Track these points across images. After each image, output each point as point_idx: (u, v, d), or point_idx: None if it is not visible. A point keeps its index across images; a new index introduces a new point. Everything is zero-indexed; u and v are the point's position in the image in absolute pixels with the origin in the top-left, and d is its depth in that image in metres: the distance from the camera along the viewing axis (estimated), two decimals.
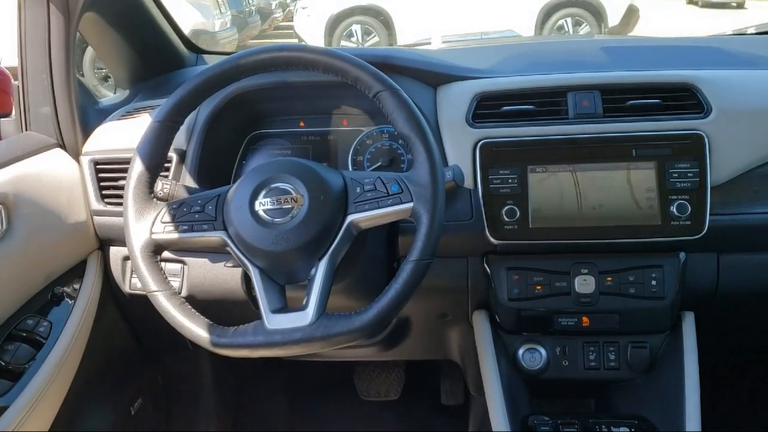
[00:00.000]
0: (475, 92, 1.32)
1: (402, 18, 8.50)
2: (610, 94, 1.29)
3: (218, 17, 7.63)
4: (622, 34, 8.73)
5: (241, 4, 9.06)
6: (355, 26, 8.61)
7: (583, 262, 1.27)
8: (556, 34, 8.70)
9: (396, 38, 8.53)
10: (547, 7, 8.63)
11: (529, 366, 1.31)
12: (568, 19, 8.74)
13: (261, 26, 10.41)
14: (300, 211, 1.03)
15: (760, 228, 1.25)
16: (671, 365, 1.27)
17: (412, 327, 1.50)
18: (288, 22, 11.25)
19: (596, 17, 8.71)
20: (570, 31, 8.75)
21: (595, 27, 8.72)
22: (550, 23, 8.68)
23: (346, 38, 8.63)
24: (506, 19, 8.36)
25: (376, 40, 8.57)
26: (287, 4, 12.60)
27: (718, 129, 1.23)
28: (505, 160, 1.24)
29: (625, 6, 8.77)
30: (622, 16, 8.76)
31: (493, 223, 1.24)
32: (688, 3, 19.86)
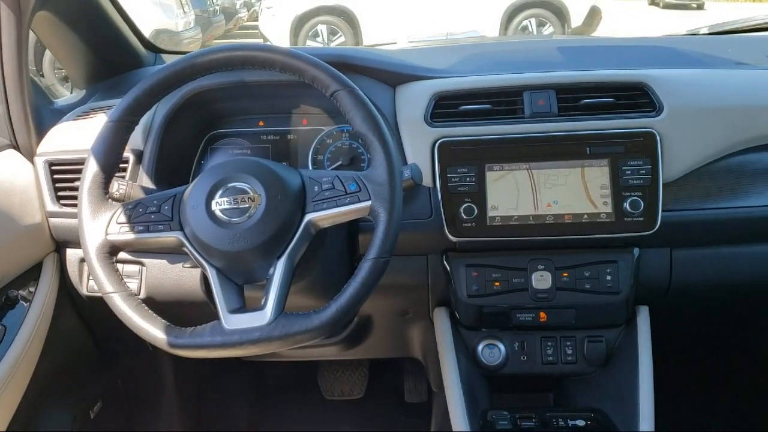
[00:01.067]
0: (434, 92, 1.33)
1: (368, 18, 8.51)
2: (565, 93, 1.31)
3: (182, 17, 7.54)
4: (585, 35, 8.85)
5: (204, 4, 8.97)
6: (320, 26, 8.59)
7: (539, 259, 1.29)
8: (520, 34, 8.79)
9: (362, 38, 8.53)
10: (511, 8, 8.71)
11: (488, 362, 1.33)
12: (532, 20, 8.84)
13: (225, 26, 10.32)
14: (257, 210, 1.03)
15: (710, 223, 1.28)
16: (626, 359, 1.30)
17: (374, 325, 1.51)
18: (253, 22, 11.18)
19: (559, 18, 8.82)
20: (534, 31, 8.85)
21: (559, 27, 8.83)
22: (514, 24, 8.76)
23: (312, 38, 8.60)
24: (472, 20, 8.42)
25: (342, 40, 8.56)
26: (252, 3, 12.52)
27: (669, 127, 1.26)
28: (463, 159, 1.26)
29: (588, 7, 8.90)
30: (585, 17, 8.89)
31: (451, 220, 1.25)
32: (650, 4, 20.24)
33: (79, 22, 1.48)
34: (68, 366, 1.51)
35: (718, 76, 1.40)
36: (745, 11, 16.96)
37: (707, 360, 1.96)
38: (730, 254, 1.32)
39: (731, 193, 1.28)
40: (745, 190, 1.28)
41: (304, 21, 8.52)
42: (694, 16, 17.03)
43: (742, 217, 1.28)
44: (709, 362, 1.97)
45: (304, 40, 8.49)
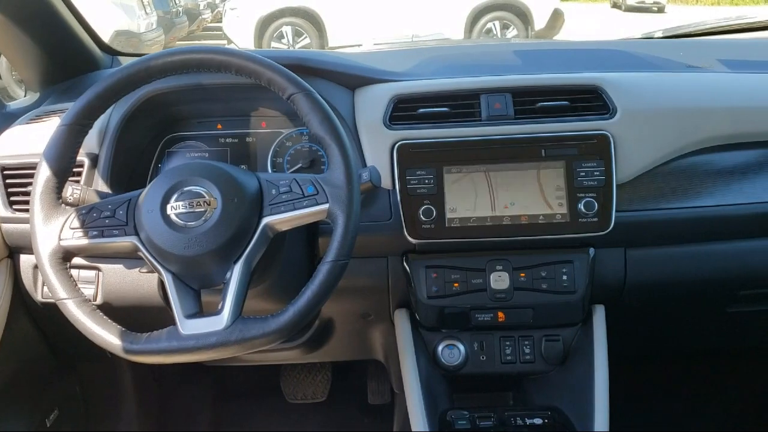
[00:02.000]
0: (392, 95, 1.34)
1: (333, 20, 8.49)
2: (521, 96, 1.33)
3: (143, 18, 7.44)
4: (548, 37, 8.97)
5: (167, 5, 8.86)
6: (285, 28, 8.54)
7: (497, 259, 1.31)
8: (485, 37, 8.86)
9: (327, 40, 8.51)
10: (475, 10, 8.77)
11: (448, 362, 1.34)
12: (496, 23, 8.92)
13: (189, 27, 10.20)
14: (213, 214, 1.02)
15: (663, 223, 1.31)
16: (583, 357, 1.32)
17: (335, 328, 1.51)
18: (217, 23, 11.06)
19: (523, 20, 8.91)
20: (498, 34, 8.93)
21: (522, 30, 8.91)
22: (479, 26, 8.83)
23: (277, 40, 8.56)
24: (437, 22, 8.47)
25: (307, 42, 8.53)
26: (216, 4, 12.39)
27: (622, 129, 1.28)
28: (422, 161, 1.27)
29: (551, 10, 9.01)
30: (548, 20, 8.99)
31: (411, 222, 1.26)
32: (612, 7, 20.59)
33: (31, 24, 1.46)
34: (23, 374, 1.48)
35: (670, 79, 1.44)
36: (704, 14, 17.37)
37: (663, 358, 2.00)
38: (683, 253, 1.35)
39: (683, 193, 1.31)
40: (697, 190, 1.32)
41: (269, 22, 8.47)
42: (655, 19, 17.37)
43: (694, 216, 1.31)
44: (666, 360, 2.02)
45: (268, 41, 8.44)
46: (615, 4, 20.56)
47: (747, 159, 1.35)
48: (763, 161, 1.36)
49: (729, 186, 1.32)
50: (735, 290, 1.44)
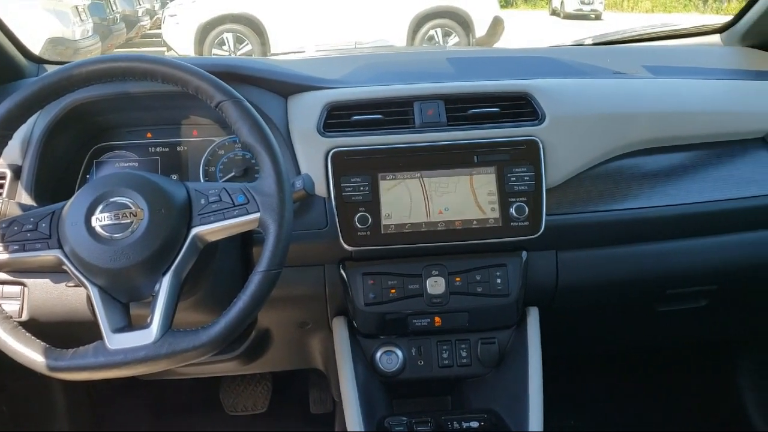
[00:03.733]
0: (326, 102, 1.34)
1: (276, 27, 8.44)
2: (453, 103, 1.34)
3: (78, 25, 7.25)
4: (489, 44, 9.12)
5: (103, 12, 8.66)
6: (226, 34, 8.45)
7: (433, 265, 1.32)
8: (427, 44, 8.95)
9: (270, 47, 8.46)
10: (417, 17, 8.86)
11: (386, 368, 1.34)
12: (438, 30, 9.02)
13: (127, 34, 10.00)
14: (140, 225, 1.00)
15: (592, 226, 1.34)
16: (518, 359, 1.34)
17: (273, 338, 1.49)
18: (156, 30, 10.87)
19: (464, 28, 9.04)
20: (440, 41, 9.04)
21: (464, 37, 9.05)
22: (421, 33, 8.91)
23: (218, 47, 8.45)
24: (380, 29, 8.51)
25: (249, 48, 8.45)
26: (155, 11, 12.18)
27: (551, 135, 1.31)
28: (357, 169, 1.27)
29: (491, 17, 9.16)
30: (489, 27, 9.15)
31: (346, 230, 1.26)
32: (551, 14, 21.10)
33: None
34: None
35: (596, 85, 1.48)
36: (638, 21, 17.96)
37: (598, 357, 2.05)
38: (611, 255, 1.39)
39: (610, 196, 1.35)
40: (623, 193, 1.36)
41: (209, 29, 8.36)
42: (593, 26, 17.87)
43: (621, 219, 1.35)
44: (600, 360, 2.07)
45: (209, 48, 8.33)
46: (554, 11, 21.09)
47: (671, 162, 1.40)
48: (686, 164, 1.41)
49: (654, 188, 1.37)
50: (663, 290, 1.48)
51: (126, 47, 10.14)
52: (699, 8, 22.88)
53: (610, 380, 2.14)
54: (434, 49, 3.42)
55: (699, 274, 1.45)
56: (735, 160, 1.43)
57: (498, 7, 9.52)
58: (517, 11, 21.67)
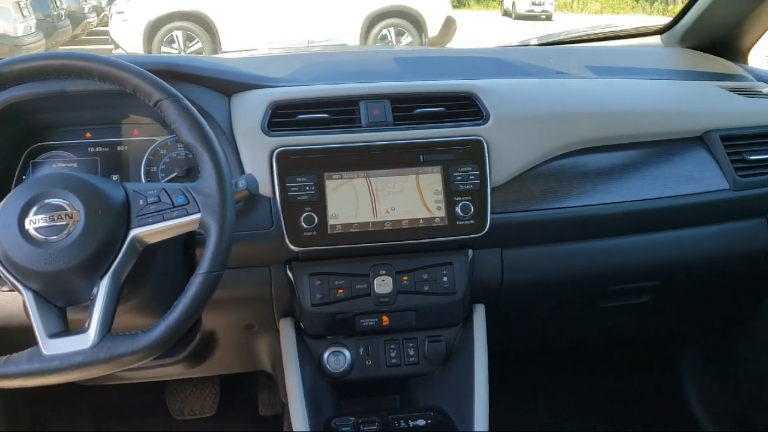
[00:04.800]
0: (270, 100, 1.32)
1: (226, 25, 8.35)
2: (399, 102, 1.35)
3: (20, 21, 7.03)
4: (442, 44, 9.19)
5: (47, 8, 8.42)
6: (176, 32, 8.32)
7: (381, 264, 1.32)
8: (380, 43, 8.98)
9: (221, 45, 8.36)
10: (370, 16, 8.88)
11: (333, 369, 1.33)
12: (391, 29, 9.06)
13: (73, 31, 9.74)
14: (76, 227, 0.97)
15: (536, 223, 1.36)
16: (464, 356, 1.35)
17: (219, 340, 1.47)
18: (104, 27, 10.63)
19: (417, 27, 9.10)
20: (393, 40, 9.08)
21: (417, 37, 9.11)
22: (374, 32, 8.94)
23: (167, 44, 8.32)
24: (333, 27, 8.50)
25: (200, 46, 8.35)
26: (102, 8, 11.90)
27: (495, 134, 1.32)
28: (302, 168, 1.26)
29: (443, 17, 9.24)
30: (441, 27, 9.23)
31: (292, 230, 1.24)
32: (503, 15, 21.39)
33: None
34: None
35: (540, 85, 1.50)
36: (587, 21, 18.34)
37: (545, 354, 2.09)
38: (555, 252, 1.42)
39: (553, 195, 1.37)
40: (566, 192, 1.38)
41: (158, 27, 8.22)
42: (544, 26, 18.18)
43: (564, 217, 1.37)
44: (547, 356, 2.11)
45: (158, 46, 8.19)
46: (506, 12, 21.40)
47: (612, 161, 1.43)
48: (627, 162, 1.44)
49: (596, 187, 1.40)
50: (605, 286, 1.51)
51: (72, 45, 9.88)
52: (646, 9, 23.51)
53: (556, 377, 2.17)
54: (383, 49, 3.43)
55: (641, 271, 1.49)
56: (674, 159, 1.47)
57: (450, 8, 9.62)
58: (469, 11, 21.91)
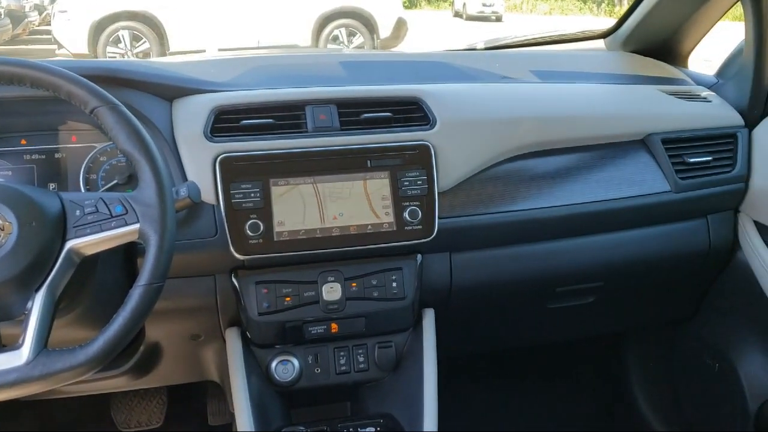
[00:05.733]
0: (213, 106, 1.30)
1: (175, 25, 8.20)
2: (346, 107, 1.34)
3: None
4: (393, 46, 9.22)
5: None
6: (122, 32, 8.13)
7: (329, 271, 1.31)
8: (332, 44, 8.95)
9: (169, 46, 8.21)
10: (321, 17, 8.84)
11: (282, 378, 1.32)
12: (343, 30, 9.04)
13: (13, 31, 9.43)
14: (8, 240, 0.94)
15: (483, 227, 1.37)
16: (414, 361, 1.35)
17: (163, 352, 1.44)
18: (47, 27, 10.32)
19: (368, 28, 9.10)
20: (345, 41, 9.06)
21: (368, 38, 9.10)
22: (326, 33, 8.90)
23: (113, 45, 8.12)
24: (284, 28, 8.44)
25: (147, 47, 8.17)
26: (44, 7, 11.55)
27: (442, 139, 1.33)
28: (247, 174, 1.24)
29: (395, 18, 9.26)
30: (393, 28, 9.24)
31: (237, 238, 1.22)
32: (455, 16, 21.58)
33: None
34: None
35: (485, 89, 1.51)
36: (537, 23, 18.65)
37: (495, 357, 2.10)
38: (503, 255, 1.43)
39: (500, 199, 1.38)
40: (512, 195, 1.39)
41: (104, 26, 8.01)
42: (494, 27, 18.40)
43: (510, 220, 1.38)
44: (496, 358, 2.13)
45: (104, 47, 7.99)
46: (457, 13, 21.60)
47: (557, 164, 1.45)
48: (571, 166, 1.46)
49: (542, 190, 1.41)
50: (553, 287, 1.53)
51: (12, 45, 9.57)
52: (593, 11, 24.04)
53: (506, 378, 2.20)
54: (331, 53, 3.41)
55: (586, 272, 1.51)
56: (617, 162, 1.49)
57: (402, 8, 9.64)
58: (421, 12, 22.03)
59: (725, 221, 1.60)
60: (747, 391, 1.65)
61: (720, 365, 1.74)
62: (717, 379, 1.76)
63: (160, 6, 8.10)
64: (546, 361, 2.18)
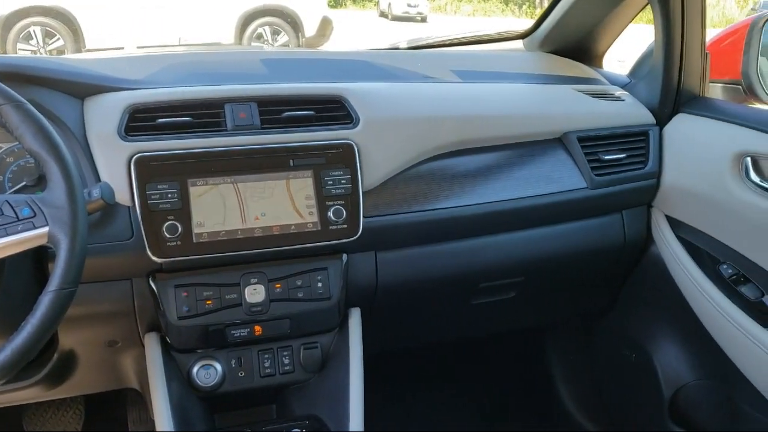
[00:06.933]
0: (128, 104, 1.25)
1: (91, 22, 7.89)
2: (267, 105, 1.32)
3: None
4: (319, 44, 9.18)
5: None
6: (34, 28, 7.77)
7: (252, 272, 1.28)
8: (256, 42, 8.83)
9: (84, 43, 7.90)
10: (245, 15, 8.70)
11: (204, 383, 1.28)
12: (267, 28, 8.92)
13: None
14: None
15: (408, 226, 1.38)
16: (340, 361, 1.35)
17: (79, 359, 1.38)
18: None
19: (293, 27, 9.01)
20: (269, 39, 8.95)
21: (293, 36, 9.02)
22: (249, 31, 8.77)
23: (24, 41, 7.75)
24: (207, 25, 8.26)
25: (61, 43, 7.84)
26: None
27: (366, 138, 1.32)
28: (164, 175, 1.20)
29: (320, 17, 9.21)
30: (318, 26, 9.19)
31: (154, 240, 1.18)
32: (380, 16, 21.69)
33: None
34: None
35: (408, 89, 1.52)
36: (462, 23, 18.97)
37: (421, 355, 2.12)
38: (428, 253, 1.44)
39: (423, 197, 1.39)
40: (436, 194, 1.40)
41: (13, 22, 7.62)
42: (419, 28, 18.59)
43: (434, 218, 1.39)
44: (423, 357, 2.15)
45: (14, 43, 7.60)
46: (382, 13, 21.72)
47: (478, 163, 1.47)
48: (492, 164, 1.49)
49: (464, 188, 1.43)
50: (476, 283, 1.56)
51: None
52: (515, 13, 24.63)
53: (433, 375, 2.22)
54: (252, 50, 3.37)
55: (507, 267, 1.54)
56: (536, 160, 1.53)
57: (326, 7, 9.60)
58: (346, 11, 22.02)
59: (639, 216, 1.67)
60: (662, 380, 1.72)
61: (636, 356, 1.81)
62: (634, 369, 1.83)
63: (74, 2, 7.78)
64: (474, 357, 2.21)
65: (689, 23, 1.55)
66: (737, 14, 16.72)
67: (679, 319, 1.63)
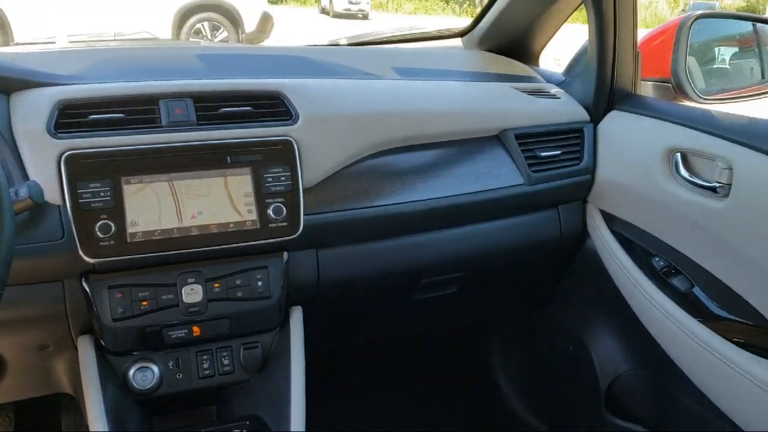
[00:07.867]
0: (57, 100, 1.21)
1: (19, 14, 7.59)
2: (203, 101, 1.29)
3: None
4: (259, 41, 9.07)
5: None
6: None
7: (189, 272, 1.25)
8: (194, 37, 8.66)
9: (12, 35, 7.59)
10: (183, 9, 8.52)
11: (140, 386, 1.25)
12: (206, 23, 8.77)
13: None
14: None
15: (349, 223, 1.37)
16: (281, 361, 1.33)
17: (7, 365, 1.32)
18: None
19: (232, 22, 8.88)
20: (208, 35, 8.79)
21: (233, 32, 8.89)
22: (188, 26, 8.60)
23: None
24: (143, 19, 8.05)
25: None
26: None
27: (305, 135, 1.31)
28: (96, 173, 1.16)
29: (259, 13, 9.09)
30: (258, 22, 9.07)
31: (86, 240, 1.14)
32: (321, 13, 21.61)
33: None
34: None
35: (348, 85, 1.51)
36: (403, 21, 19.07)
37: (365, 352, 2.12)
38: (369, 249, 1.44)
39: (365, 194, 1.39)
40: (377, 191, 1.40)
41: None
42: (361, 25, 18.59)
43: (376, 215, 1.39)
44: (367, 354, 2.15)
45: None
46: (323, 10, 21.65)
47: (418, 160, 1.48)
48: (431, 161, 1.50)
49: (404, 185, 1.43)
50: (418, 279, 1.57)
51: None
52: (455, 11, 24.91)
53: (378, 374, 2.22)
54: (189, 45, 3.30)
55: (448, 263, 1.56)
56: (474, 157, 1.55)
57: (266, 3, 9.49)
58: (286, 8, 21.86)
59: (574, 211, 1.71)
60: (598, 371, 1.77)
61: (574, 347, 1.85)
62: (572, 361, 1.87)
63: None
64: (418, 354, 2.23)
65: (621, 23, 1.59)
66: (669, 15, 17.32)
67: (615, 311, 1.67)
